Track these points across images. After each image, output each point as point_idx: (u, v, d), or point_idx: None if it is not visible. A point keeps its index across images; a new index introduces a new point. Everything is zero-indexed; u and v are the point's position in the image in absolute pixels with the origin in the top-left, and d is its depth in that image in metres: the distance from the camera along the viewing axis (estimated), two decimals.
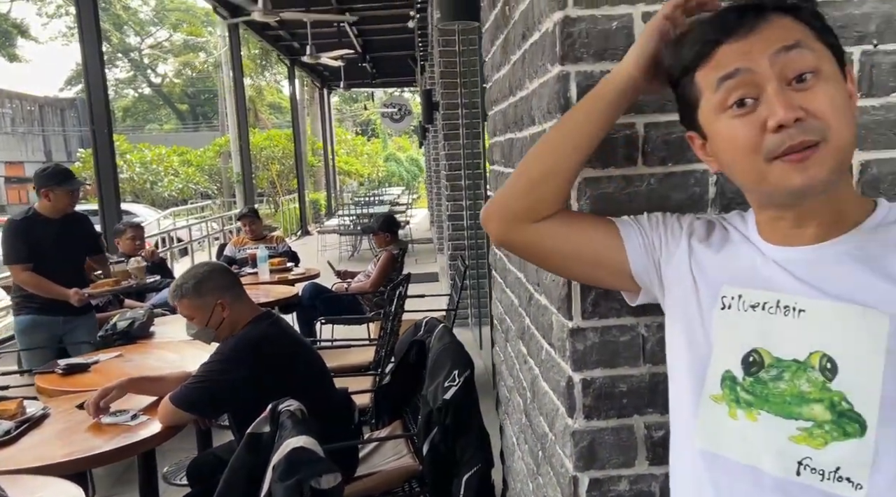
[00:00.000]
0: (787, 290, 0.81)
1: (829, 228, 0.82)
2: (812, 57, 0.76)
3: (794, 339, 0.79)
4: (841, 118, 0.76)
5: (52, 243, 3.43)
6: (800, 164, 0.75)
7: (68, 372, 2.63)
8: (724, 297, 0.86)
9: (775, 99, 0.75)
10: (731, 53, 0.79)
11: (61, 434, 2.07)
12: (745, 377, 0.82)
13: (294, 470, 1.43)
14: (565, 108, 1.16)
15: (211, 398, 2.07)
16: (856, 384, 0.75)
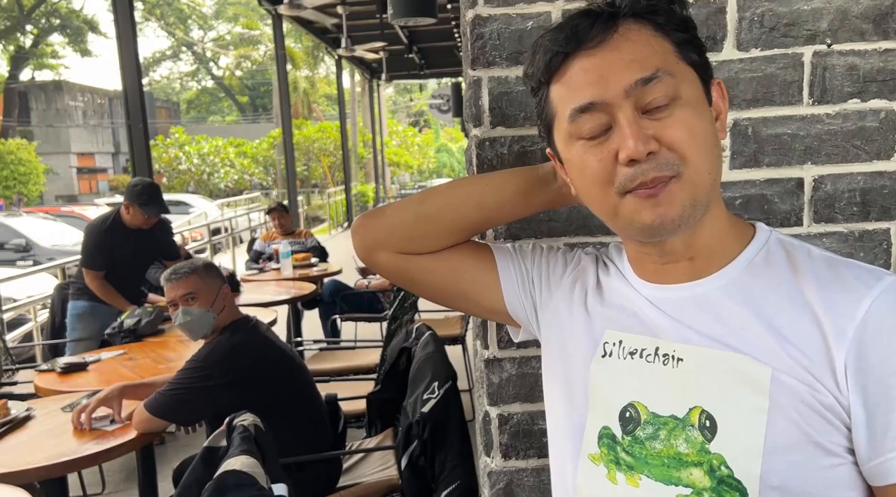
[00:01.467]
0: (665, 335, 0.74)
1: (703, 265, 0.75)
2: (671, 84, 0.69)
3: (673, 393, 0.72)
4: (699, 148, 0.69)
5: (127, 251, 3.54)
6: (650, 199, 0.69)
7: (67, 371, 2.66)
8: (605, 344, 0.79)
9: (627, 130, 0.68)
10: (583, 72, 0.71)
11: (39, 437, 2.08)
12: (623, 436, 0.74)
13: (221, 495, 1.37)
14: (478, 117, 1.05)
15: (185, 406, 2.05)
16: (736, 446, 0.67)
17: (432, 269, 0.92)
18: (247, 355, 2.12)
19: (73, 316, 3.64)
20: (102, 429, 2.11)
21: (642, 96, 0.68)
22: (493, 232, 1.06)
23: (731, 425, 0.68)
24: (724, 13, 1.01)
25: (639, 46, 0.69)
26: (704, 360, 0.70)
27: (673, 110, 0.69)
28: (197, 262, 2.22)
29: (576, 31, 0.71)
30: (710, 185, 0.71)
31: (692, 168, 0.68)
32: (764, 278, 0.72)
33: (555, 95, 0.74)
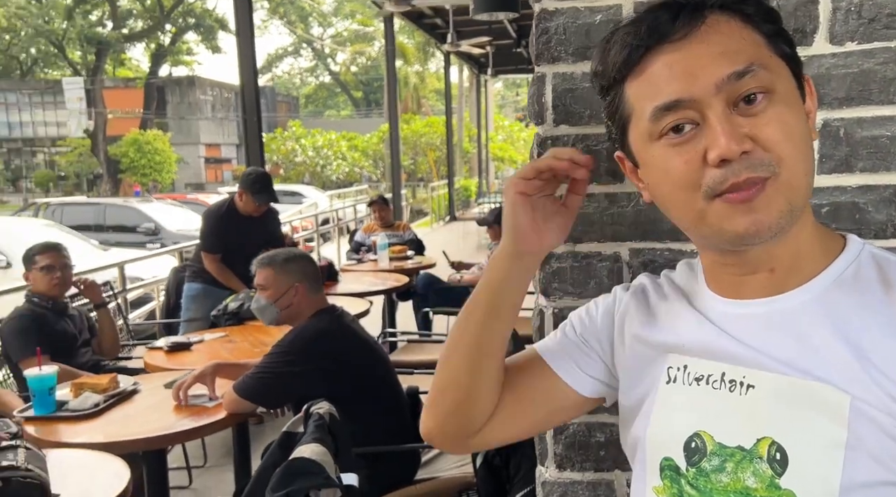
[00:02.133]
0: (734, 360, 0.68)
1: (785, 277, 0.69)
2: (766, 78, 0.63)
3: (740, 422, 0.66)
4: (796, 148, 0.63)
5: (238, 237, 3.75)
6: (744, 204, 0.63)
7: (173, 349, 2.85)
8: (669, 369, 0.74)
9: (718, 127, 0.62)
10: (667, 68, 0.65)
11: (143, 411, 2.24)
12: (688, 468, 0.69)
13: (287, 481, 1.42)
14: (541, 115, 1.02)
15: (269, 390, 2.14)
16: (809, 481, 0.62)
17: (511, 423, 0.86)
18: (328, 343, 2.18)
19: (187, 297, 3.90)
20: (202, 405, 2.24)
21: (735, 91, 0.63)
22: None
23: (805, 459, 0.62)
24: (817, 4, 0.91)
25: (729, 38, 0.64)
26: (776, 387, 0.65)
27: (768, 105, 0.63)
28: (278, 257, 2.30)
29: (658, 23, 0.66)
30: (807, 188, 0.65)
31: (789, 169, 0.63)
32: (853, 295, 0.66)
33: (632, 93, 0.69)
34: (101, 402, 2.22)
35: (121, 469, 1.79)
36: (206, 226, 3.84)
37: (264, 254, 2.34)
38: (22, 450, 1.57)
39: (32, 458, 1.56)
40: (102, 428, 2.11)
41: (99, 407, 2.20)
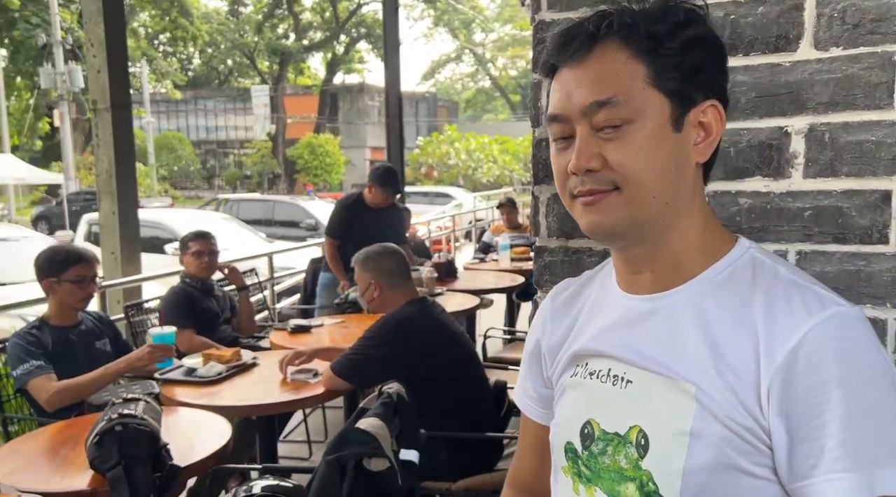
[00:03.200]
0: (618, 358, 0.79)
1: (666, 278, 0.78)
2: (626, 111, 0.72)
3: (619, 411, 0.77)
4: (644, 171, 0.72)
5: (362, 227, 4.08)
6: (587, 207, 0.75)
7: (295, 331, 3.17)
8: (577, 367, 0.84)
9: (577, 145, 0.74)
10: (560, 84, 0.76)
11: (257, 382, 2.54)
12: (582, 450, 0.80)
13: (340, 447, 1.59)
14: (536, 118, 1.09)
15: (360, 370, 2.34)
16: (661, 464, 0.72)
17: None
18: (411, 331, 2.34)
19: (320, 286, 4.27)
20: (305, 381, 2.50)
21: (596, 117, 0.72)
22: (547, 231, 1.09)
23: (659, 445, 0.72)
24: (801, 10, 0.91)
25: (606, 68, 0.72)
26: (647, 383, 0.75)
27: (624, 134, 0.72)
28: (361, 255, 2.51)
29: (563, 44, 0.76)
30: (657, 206, 0.73)
31: (633, 189, 0.72)
32: (722, 296, 0.73)
33: (549, 95, 0.80)
34: (223, 371, 2.55)
35: (224, 428, 2.06)
36: (333, 212, 4.23)
37: (358, 252, 2.55)
38: (142, 403, 1.88)
39: (149, 411, 1.87)
40: (222, 393, 2.43)
41: (221, 375, 2.53)
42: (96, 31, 3.91)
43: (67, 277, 2.51)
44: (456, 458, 2.33)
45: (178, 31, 30.40)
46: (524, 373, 0.95)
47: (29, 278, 6.09)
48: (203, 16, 32.72)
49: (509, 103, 42.46)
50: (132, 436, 1.74)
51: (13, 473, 1.76)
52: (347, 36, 36.68)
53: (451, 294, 4.00)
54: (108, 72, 3.90)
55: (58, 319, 2.56)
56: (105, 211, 4.00)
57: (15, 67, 25.81)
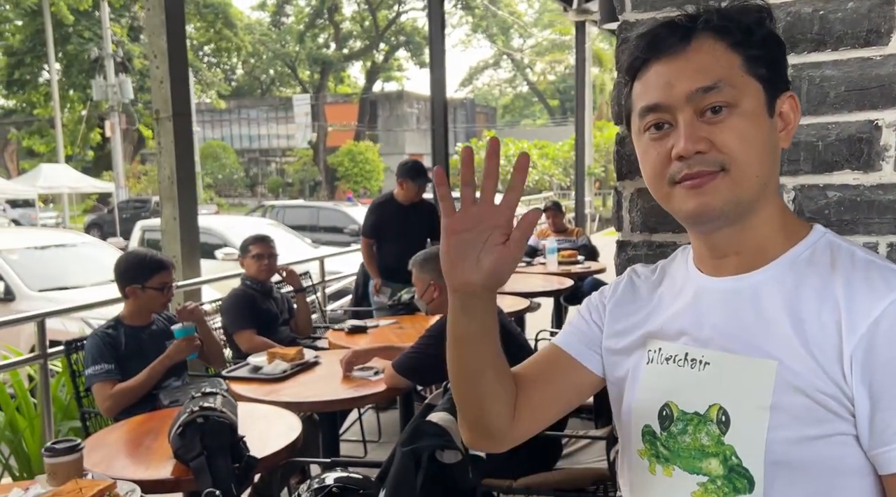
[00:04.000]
0: (695, 342, 0.82)
1: (749, 260, 0.81)
2: (730, 95, 0.76)
3: (698, 392, 0.80)
4: (748, 153, 0.76)
5: (395, 223, 4.20)
6: (694, 189, 0.77)
7: (352, 332, 3.24)
8: (650, 351, 0.87)
9: (682, 130, 0.77)
10: (656, 76, 0.80)
11: (319, 380, 2.62)
12: (661, 432, 0.83)
13: (415, 439, 1.64)
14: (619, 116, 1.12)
15: (417, 368, 2.39)
16: (743, 438, 0.76)
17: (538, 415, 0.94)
18: None
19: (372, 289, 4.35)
20: (367, 379, 2.56)
21: (701, 102, 0.76)
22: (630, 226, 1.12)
23: (740, 420, 0.76)
24: (892, 4, 0.93)
25: (707, 58, 0.77)
26: (723, 363, 0.79)
27: (729, 117, 0.76)
28: (419, 258, 2.58)
29: (655, 41, 0.80)
30: (758, 187, 0.77)
31: (739, 169, 0.76)
32: (803, 275, 0.78)
33: (635, 91, 0.84)
34: (288, 369, 2.64)
35: (294, 423, 2.14)
36: (367, 213, 4.35)
37: (416, 254, 2.60)
38: (220, 396, 1.97)
39: (227, 404, 1.95)
40: (287, 390, 2.51)
41: (286, 373, 2.61)
42: (159, 43, 4.06)
43: (151, 284, 2.62)
44: (516, 456, 2.34)
45: (223, 43, 31.14)
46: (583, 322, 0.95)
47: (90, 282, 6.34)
48: (246, 27, 33.47)
49: (547, 108, 42.34)
50: (213, 427, 1.82)
51: (102, 463, 1.86)
52: (387, 44, 37.10)
53: (500, 297, 4.03)
54: (170, 82, 4.05)
55: (132, 320, 2.67)
56: (167, 216, 4.14)
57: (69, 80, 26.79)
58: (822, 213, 0.99)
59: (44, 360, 3.22)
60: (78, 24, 25.02)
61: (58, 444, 1.69)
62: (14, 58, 26.68)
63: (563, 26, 34.02)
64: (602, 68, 23.35)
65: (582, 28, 10.08)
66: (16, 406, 3.51)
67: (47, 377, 3.27)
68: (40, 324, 3.27)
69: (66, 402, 3.54)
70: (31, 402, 3.49)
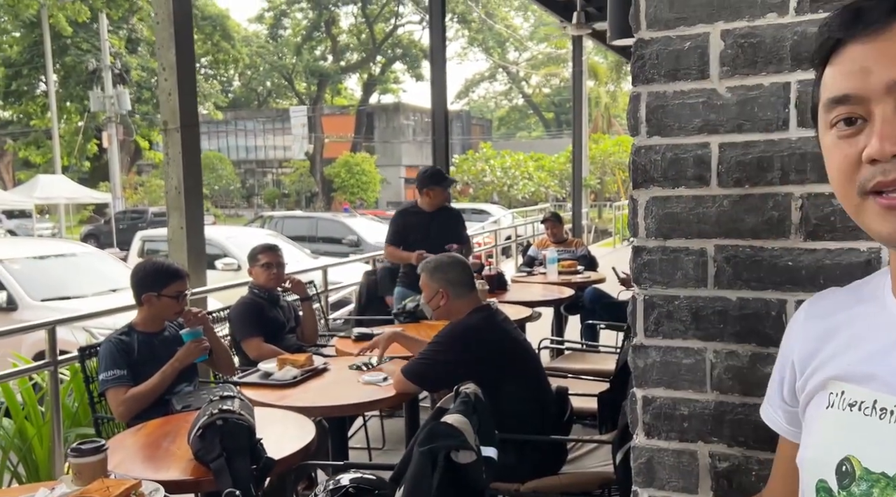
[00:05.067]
0: (888, 388, 0.68)
1: None
2: None
3: (887, 449, 0.67)
4: None
5: (420, 230, 4.22)
6: (889, 211, 0.64)
7: (358, 339, 3.29)
8: (830, 394, 0.75)
9: (878, 127, 0.64)
10: (849, 61, 0.67)
11: (329, 385, 2.66)
12: (838, 490, 0.70)
13: (431, 439, 1.69)
14: (636, 128, 1.19)
15: (428, 374, 2.44)
16: None
17: None
18: (476, 338, 2.43)
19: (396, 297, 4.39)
20: (377, 384, 2.60)
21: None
22: (646, 232, 1.19)
23: None
24: None
25: None
26: None
27: None
28: (429, 264, 2.62)
29: (852, 16, 0.66)
30: None
31: None
32: None
33: (823, 80, 0.70)
34: (298, 375, 2.68)
35: (307, 427, 2.18)
36: (391, 221, 4.40)
37: (427, 260, 2.67)
38: (238, 400, 2.01)
39: (244, 407, 1.99)
40: (298, 395, 2.55)
41: (296, 379, 2.66)
42: (168, 56, 4.13)
43: (167, 293, 2.68)
44: (524, 459, 2.41)
45: (220, 55, 31.27)
46: (774, 386, 0.86)
47: (91, 292, 6.36)
48: (244, 39, 33.62)
49: (543, 120, 42.62)
50: (232, 429, 1.86)
51: (122, 464, 1.90)
52: (383, 57, 37.32)
53: (503, 306, 4.08)
54: (178, 95, 4.11)
55: (145, 326, 2.72)
56: (173, 226, 4.19)
57: (66, 92, 26.84)
58: (828, 220, 1.06)
59: (54, 367, 3.26)
60: (76, 35, 25.11)
61: (84, 445, 1.74)
62: (11, 69, 26.75)
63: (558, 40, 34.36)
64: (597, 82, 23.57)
65: (579, 42, 10.22)
66: (24, 414, 3.54)
67: (57, 384, 3.30)
68: (51, 331, 3.30)
69: (74, 409, 3.57)
70: (39, 410, 3.52)
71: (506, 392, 2.39)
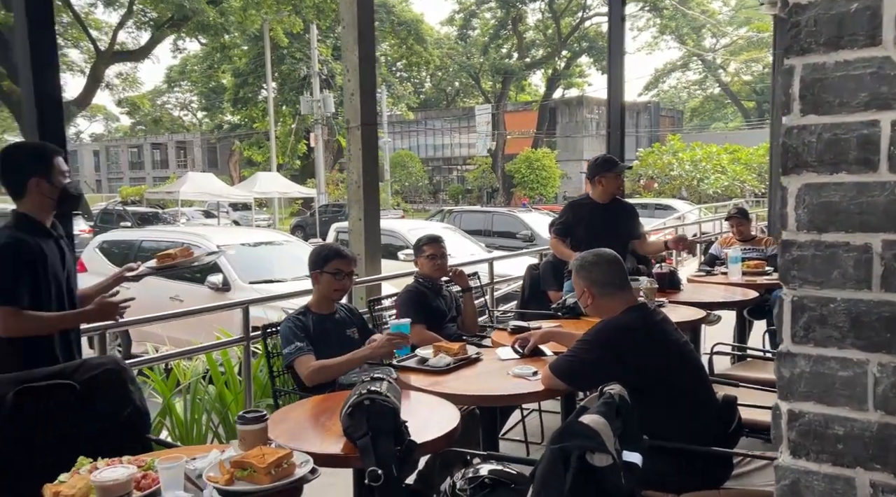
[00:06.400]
0: None
1: None
2: None
3: None
4: None
5: (588, 223, 4.08)
6: None
7: (515, 331, 3.27)
8: None
9: None
10: None
11: (480, 375, 2.68)
12: None
13: (565, 438, 1.63)
14: (787, 106, 1.05)
15: (575, 372, 2.36)
16: None
17: None
18: (628, 337, 2.30)
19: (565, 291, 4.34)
20: (526, 377, 2.58)
21: None
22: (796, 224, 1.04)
23: None
24: None
25: None
26: None
27: None
28: (576, 263, 2.53)
29: None
30: None
31: None
32: None
33: None
34: (451, 362, 2.74)
35: (453, 414, 2.22)
36: (561, 211, 4.33)
37: (574, 258, 2.57)
38: (386, 382, 2.10)
39: (392, 390, 2.07)
40: (449, 382, 2.60)
41: (449, 366, 2.72)
42: (352, 58, 4.43)
43: (328, 269, 2.90)
44: (679, 469, 2.25)
45: (413, 58, 32.86)
46: None
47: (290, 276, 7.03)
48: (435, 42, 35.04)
49: (742, 110, 39.40)
50: (378, 410, 1.95)
51: (284, 434, 2.07)
52: (569, 51, 36.83)
53: (674, 306, 3.84)
54: (359, 95, 4.40)
55: (318, 308, 2.94)
56: (353, 218, 4.49)
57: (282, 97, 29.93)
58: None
59: (247, 342, 3.65)
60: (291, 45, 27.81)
61: (248, 414, 1.92)
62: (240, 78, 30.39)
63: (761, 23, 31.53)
64: None
65: (782, 23, 9.29)
66: (224, 381, 4.01)
67: (249, 357, 3.69)
68: (245, 310, 3.71)
69: (265, 381, 3.97)
70: (238, 380, 3.97)
71: (658, 396, 2.25)
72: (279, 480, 1.70)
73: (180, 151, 47.94)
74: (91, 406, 2.32)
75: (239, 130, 34.02)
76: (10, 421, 2.13)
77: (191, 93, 43.14)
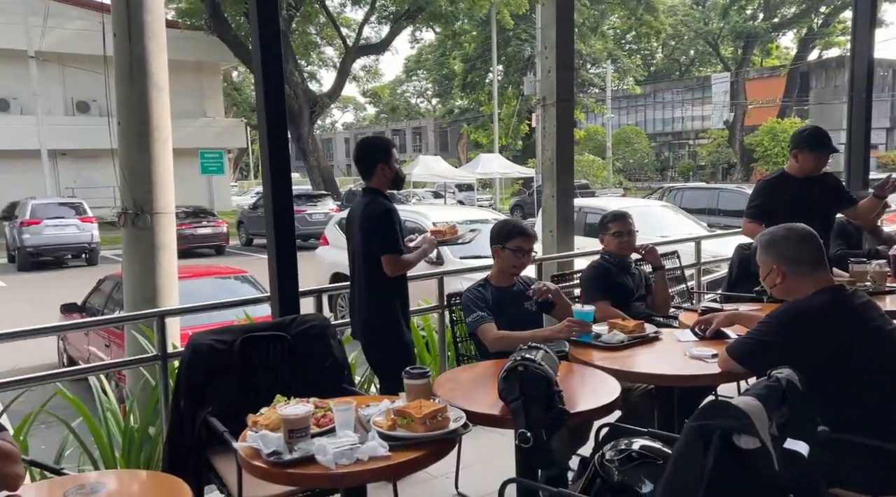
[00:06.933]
0: None
1: None
2: None
3: None
4: None
5: (785, 203, 3.67)
6: None
7: (704, 312, 3.10)
8: None
9: None
10: None
11: (654, 354, 2.63)
12: None
13: (705, 415, 1.57)
14: None
15: (751, 354, 2.19)
16: None
17: None
18: (814, 321, 2.09)
19: None
20: (703, 360, 2.47)
21: None
22: None
23: None
24: None
25: None
26: None
27: None
28: (763, 237, 2.31)
29: None
30: None
31: None
32: None
33: None
34: (625, 339, 2.72)
35: (613, 389, 2.23)
36: (753, 193, 3.97)
37: (762, 233, 2.36)
38: (542, 352, 2.17)
39: (547, 359, 2.14)
40: (620, 359, 2.59)
41: (623, 343, 2.70)
42: (550, 35, 4.45)
43: (509, 246, 3.02)
44: (873, 468, 2.01)
45: (643, 28, 31.43)
46: None
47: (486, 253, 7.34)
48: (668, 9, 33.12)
49: None
50: (530, 376, 2.03)
51: (448, 392, 2.24)
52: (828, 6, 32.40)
53: None
54: (556, 71, 4.41)
55: (497, 280, 3.08)
56: (546, 195, 4.55)
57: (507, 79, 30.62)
58: None
59: (441, 310, 3.93)
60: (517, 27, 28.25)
61: (413, 370, 2.13)
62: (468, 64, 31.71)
63: None
64: None
65: None
66: (425, 343, 4.36)
67: (443, 324, 3.98)
68: (440, 281, 4.00)
69: None
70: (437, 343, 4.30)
71: (852, 386, 2.03)
72: (433, 431, 1.88)
73: (416, 136, 51.44)
74: (299, 355, 2.74)
75: (467, 114, 35.56)
76: (237, 363, 2.62)
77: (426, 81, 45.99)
